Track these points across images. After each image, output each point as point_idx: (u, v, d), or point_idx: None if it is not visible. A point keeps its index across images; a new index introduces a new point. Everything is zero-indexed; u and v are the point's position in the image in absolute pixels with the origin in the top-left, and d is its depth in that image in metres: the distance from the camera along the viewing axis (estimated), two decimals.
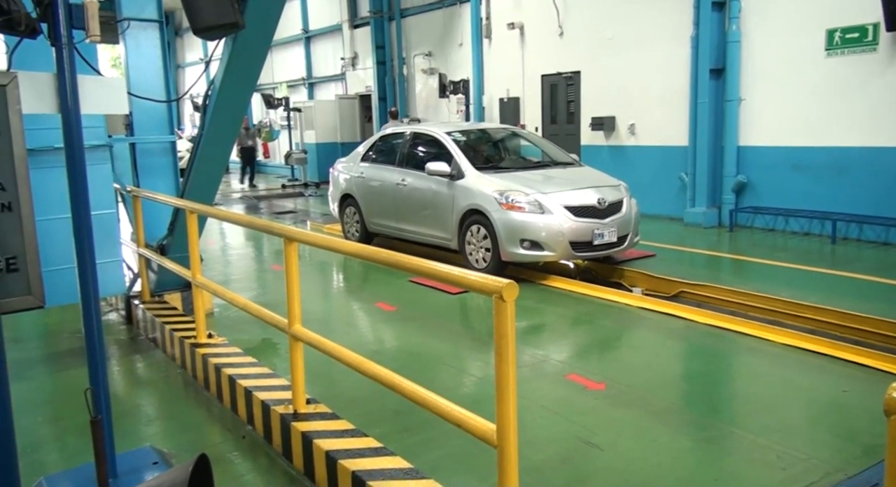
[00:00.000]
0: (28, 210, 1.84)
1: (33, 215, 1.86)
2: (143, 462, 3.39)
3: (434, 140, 8.45)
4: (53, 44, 3.10)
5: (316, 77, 21.61)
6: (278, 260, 9.24)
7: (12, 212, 1.83)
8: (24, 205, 1.84)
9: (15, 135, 1.81)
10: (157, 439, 3.92)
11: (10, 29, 2.95)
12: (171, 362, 5.15)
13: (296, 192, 16.93)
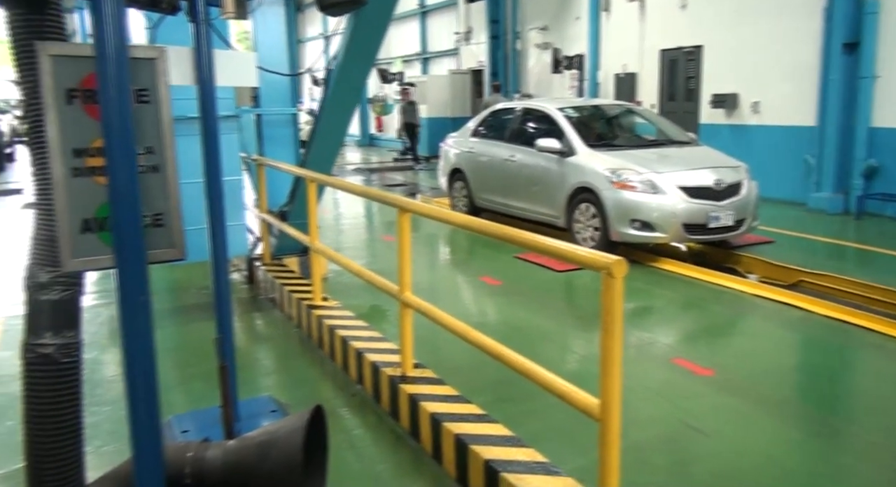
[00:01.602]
0: (172, 172, 2.01)
1: (177, 177, 2.02)
2: (263, 410, 3.62)
3: (545, 116, 8.37)
4: (192, 20, 3.31)
5: (430, 52, 21.78)
6: (388, 230, 9.49)
7: (159, 173, 2.00)
8: (170, 168, 2.00)
9: (163, 104, 1.97)
10: (274, 390, 4.17)
11: (153, 6, 3.17)
12: (287, 321, 5.44)
13: (406, 166, 17.24)
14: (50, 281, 2.26)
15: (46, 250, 2.25)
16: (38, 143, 2.18)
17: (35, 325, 2.29)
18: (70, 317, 2.32)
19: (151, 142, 1.96)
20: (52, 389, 2.28)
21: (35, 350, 2.27)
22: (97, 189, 1.92)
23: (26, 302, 2.32)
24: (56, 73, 1.85)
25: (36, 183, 2.25)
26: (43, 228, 2.26)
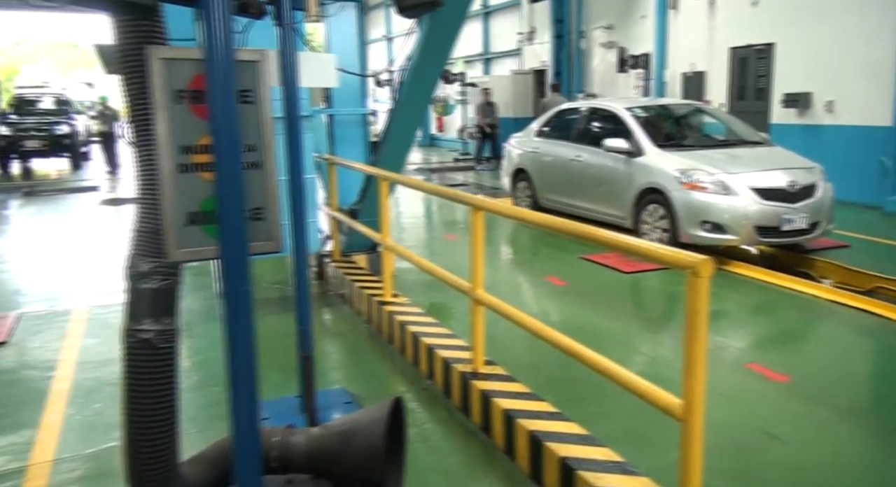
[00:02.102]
0: (272, 168, 2.09)
1: (276, 173, 2.11)
2: (337, 401, 3.73)
3: (612, 115, 8.29)
4: (278, 24, 3.43)
5: (492, 52, 21.78)
6: (449, 230, 9.57)
7: (260, 169, 2.09)
8: (269, 164, 2.09)
9: (264, 104, 2.06)
10: (346, 383, 4.28)
11: (243, 11, 3.30)
12: (357, 316, 5.55)
13: (467, 166, 17.29)
14: (150, 271, 2.37)
15: (148, 242, 2.36)
16: (143, 142, 2.30)
17: (136, 312, 2.41)
18: (168, 305, 2.43)
19: (253, 141, 2.06)
20: (150, 372, 2.39)
21: (135, 335, 2.38)
22: (202, 184, 2.02)
23: (128, 291, 2.44)
24: (166, 75, 1.96)
25: (139, 179, 2.37)
26: (145, 221, 2.38)
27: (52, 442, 3.60)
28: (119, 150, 16.78)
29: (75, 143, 16.96)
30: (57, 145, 16.57)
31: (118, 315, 5.73)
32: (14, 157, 16.48)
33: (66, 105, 18.31)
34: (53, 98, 18.67)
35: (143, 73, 2.25)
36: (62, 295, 6.28)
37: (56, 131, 16.57)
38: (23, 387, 4.30)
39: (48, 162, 17.69)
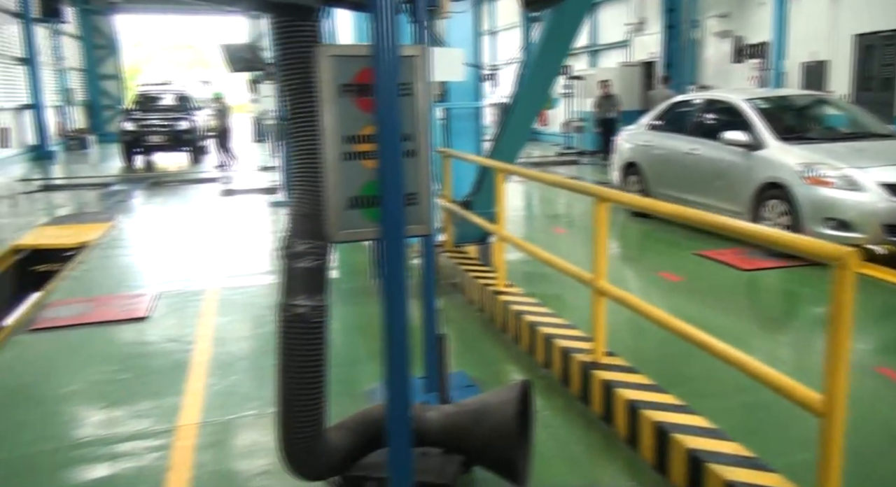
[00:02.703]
0: (425, 157, 2.24)
1: (429, 161, 2.26)
2: (458, 384, 3.87)
3: (730, 107, 8.05)
4: (413, 20, 3.60)
5: (599, 44, 21.46)
6: (557, 223, 9.58)
7: (415, 157, 2.24)
8: (423, 153, 2.23)
9: (421, 97, 2.20)
10: (462, 368, 4.41)
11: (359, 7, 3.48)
12: (469, 305, 5.70)
13: (570, 160, 17.17)
14: (304, 251, 2.57)
15: (302, 224, 2.56)
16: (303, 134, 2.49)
17: (290, 289, 2.61)
18: (319, 283, 2.63)
19: (410, 130, 2.21)
20: (303, 344, 2.59)
21: (290, 309, 2.59)
22: (363, 171, 2.19)
23: (283, 269, 2.65)
24: (333, 70, 2.14)
25: (297, 167, 2.57)
26: (301, 206, 2.58)
27: (197, 408, 3.93)
28: (232, 144, 17.67)
29: (195, 138, 17.94)
30: (178, 140, 17.55)
31: (244, 296, 6.15)
32: (138, 152, 17.54)
33: (186, 102, 19.33)
34: (174, 95, 19.75)
35: (302, 70, 2.45)
36: (194, 277, 6.77)
37: (177, 127, 17.56)
38: (166, 358, 4.71)
39: (169, 156, 18.83)
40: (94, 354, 4.83)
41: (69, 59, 25.41)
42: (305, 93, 2.42)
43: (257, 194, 12.34)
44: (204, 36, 53.46)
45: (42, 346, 5.00)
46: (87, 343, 5.04)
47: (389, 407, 2.22)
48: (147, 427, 3.71)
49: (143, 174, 16.09)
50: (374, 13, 2.00)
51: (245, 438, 3.62)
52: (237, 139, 20.27)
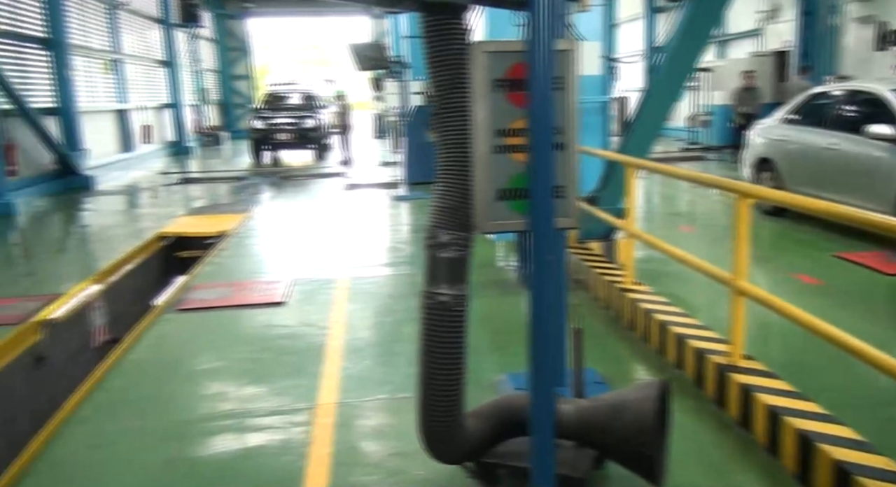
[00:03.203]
0: (573, 150, 2.26)
1: (576, 154, 2.28)
2: (589, 379, 3.85)
3: (875, 99, 7.50)
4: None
5: (728, 34, 20.51)
6: (682, 220, 9.29)
7: (563, 151, 2.27)
8: (572, 146, 2.26)
9: (571, 91, 2.22)
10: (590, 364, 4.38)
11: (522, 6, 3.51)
12: (594, 302, 5.64)
13: (695, 156, 16.54)
14: (449, 242, 2.66)
15: (447, 216, 2.65)
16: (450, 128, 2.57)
17: (434, 277, 2.71)
18: (461, 273, 2.71)
19: (560, 124, 2.24)
20: (444, 332, 2.68)
21: (433, 297, 2.68)
22: (512, 164, 2.24)
23: (427, 258, 2.75)
24: (488, 66, 2.20)
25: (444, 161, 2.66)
26: (446, 198, 2.67)
27: (334, 389, 4.14)
28: (353, 141, 18.26)
29: (320, 136, 18.44)
30: (304, 138, 18.05)
31: (372, 285, 6.38)
32: (266, 148, 18.23)
33: (311, 101, 19.91)
34: (300, 94, 20.38)
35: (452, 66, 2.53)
36: (325, 266, 7.10)
37: (303, 125, 18.04)
38: (303, 341, 4.98)
39: (295, 152, 19.65)
40: (236, 334, 5.18)
41: (205, 61, 27.14)
42: (454, 89, 2.51)
43: (379, 188, 12.72)
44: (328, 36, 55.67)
45: (189, 325, 5.42)
46: (229, 323, 5.41)
47: (534, 399, 2.27)
48: (289, 404, 3.95)
49: (271, 169, 16.93)
50: (531, 9, 2.04)
51: (379, 419, 3.78)
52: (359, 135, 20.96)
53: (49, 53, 13.76)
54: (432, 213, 2.71)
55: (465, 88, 2.55)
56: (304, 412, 3.85)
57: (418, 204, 10.97)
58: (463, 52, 2.52)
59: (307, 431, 3.63)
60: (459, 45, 2.56)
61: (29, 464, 3.43)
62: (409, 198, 11.34)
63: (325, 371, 4.42)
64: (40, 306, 5.66)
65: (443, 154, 2.62)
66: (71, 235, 9.98)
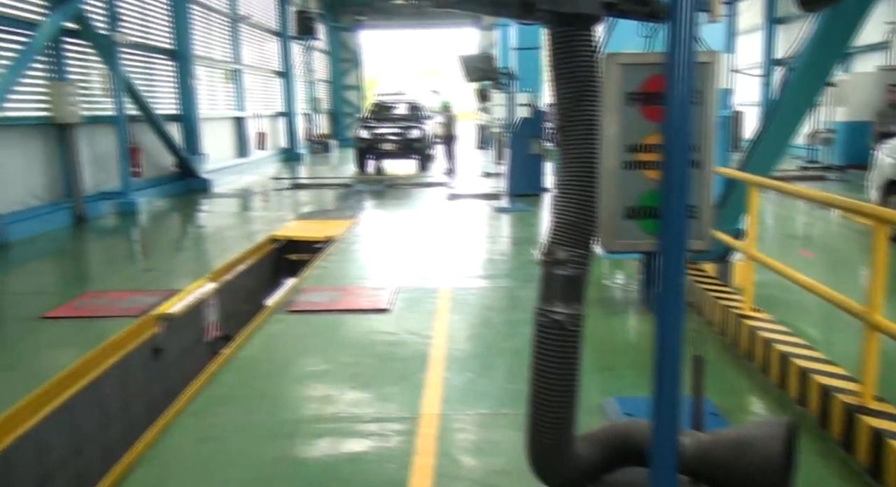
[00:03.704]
0: (710, 168, 2.14)
1: (712, 173, 2.15)
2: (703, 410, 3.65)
3: None
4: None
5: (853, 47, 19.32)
6: (802, 244, 8.76)
7: (699, 169, 2.15)
8: (708, 164, 2.14)
9: (710, 105, 2.11)
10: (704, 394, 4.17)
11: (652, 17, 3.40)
12: (707, 326, 5.38)
13: (816, 176, 15.62)
14: (566, 259, 2.57)
15: (566, 232, 2.56)
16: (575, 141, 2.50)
17: (548, 294, 2.63)
18: (578, 292, 2.62)
19: (696, 140, 2.13)
20: (558, 351, 2.59)
21: (547, 315, 2.60)
22: (642, 181, 2.15)
23: (543, 275, 2.67)
24: (622, 79, 2.12)
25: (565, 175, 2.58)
26: (565, 214, 2.58)
27: (437, 399, 4.13)
28: (457, 152, 18.36)
29: (424, 146, 18.57)
30: (408, 148, 18.22)
31: (474, 297, 6.36)
32: (370, 158, 18.52)
33: (417, 111, 20.17)
34: (406, 105, 20.72)
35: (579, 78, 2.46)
36: (428, 275, 7.14)
37: (408, 135, 18.21)
38: (407, 349, 5.00)
39: (398, 162, 19.93)
40: (342, 338, 5.27)
41: (317, 71, 28.16)
42: (581, 102, 2.43)
43: (481, 199, 12.73)
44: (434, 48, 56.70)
45: (298, 326, 5.56)
46: (337, 327, 5.52)
47: (656, 429, 2.15)
48: (392, 412, 3.97)
49: (376, 177, 17.30)
50: (672, 20, 1.95)
51: (481, 434, 3.73)
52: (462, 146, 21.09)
53: (174, 63, 14.66)
54: (550, 229, 2.64)
55: (592, 101, 2.48)
56: (407, 420, 3.85)
57: (520, 216, 10.89)
58: (591, 64, 2.45)
59: (410, 441, 3.62)
60: (587, 56, 2.50)
61: (143, 452, 3.60)
62: (511, 209, 11.28)
63: (427, 380, 4.42)
64: (159, 301, 5.98)
65: (565, 168, 2.56)
66: (188, 234, 10.54)
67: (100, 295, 6.26)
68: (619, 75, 2.12)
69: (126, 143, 11.53)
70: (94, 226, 10.26)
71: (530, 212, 11.24)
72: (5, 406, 3.86)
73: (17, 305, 6.19)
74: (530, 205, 11.65)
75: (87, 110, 10.89)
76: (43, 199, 9.96)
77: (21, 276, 7.49)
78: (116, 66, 11.29)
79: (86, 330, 5.36)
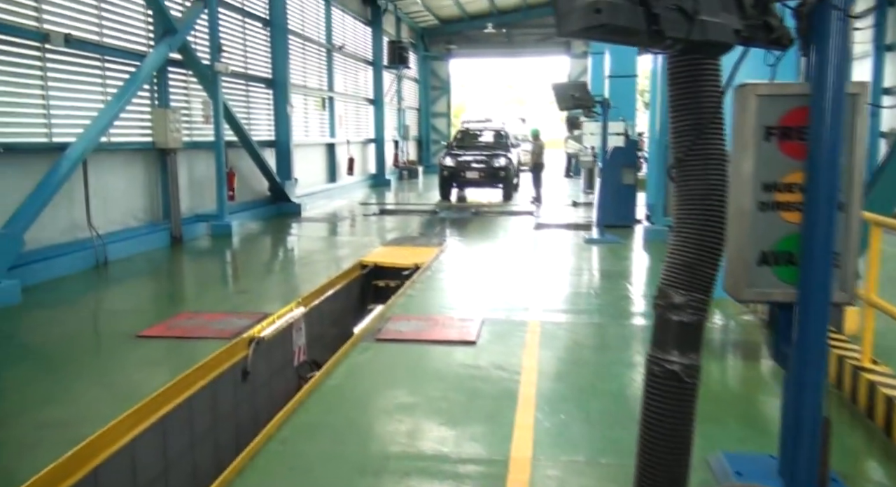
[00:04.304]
0: (857, 212, 1.94)
1: (860, 217, 1.94)
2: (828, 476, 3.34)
3: None
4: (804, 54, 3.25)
5: None
6: None
7: (844, 211, 1.95)
8: (856, 207, 1.93)
9: (860, 140, 1.91)
10: None
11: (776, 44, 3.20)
12: None
13: None
14: (683, 304, 2.40)
15: (683, 274, 2.40)
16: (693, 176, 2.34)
17: (662, 341, 2.46)
18: (695, 340, 2.44)
19: (843, 180, 1.93)
20: (672, 404, 2.41)
21: (661, 364, 2.43)
22: (780, 223, 1.96)
23: (656, 319, 2.50)
24: (759, 111, 1.96)
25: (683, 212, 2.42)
26: (682, 254, 2.42)
27: (528, 442, 3.96)
28: (544, 181, 18.13)
29: (509, 176, 18.22)
30: (493, 176, 18.00)
31: (565, 332, 6.15)
32: (454, 186, 18.36)
33: (504, 139, 19.96)
34: (493, 132, 20.58)
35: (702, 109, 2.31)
36: (515, 306, 6.99)
37: (493, 164, 17.99)
38: (495, 385, 4.85)
39: (482, 191, 19.55)
40: (430, 370, 5.18)
41: (407, 99, 28.69)
42: (704, 134, 2.29)
43: (569, 229, 12.49)
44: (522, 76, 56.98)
45: (385, 356, 5.51)
46: (424, 358, 5.43)
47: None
48: (482, 453, 3.82)
49: (461, 205, 17.30)
50: (818, 47, 1.78)
51: (576, 484, 3.52)
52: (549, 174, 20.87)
53: (271, 91, 15.22)
54: (665, 270, 2.47)
55: (717, 134, 2.33)
56: (497, 463, 3.70)
57: (610, 248, 10.60)
58: (716, 95, 2.32)
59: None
60: (713, 86, 2.35)
61: (232, 479, 3.58)
62: (601, 241, 11.00)
63: (518, 420, 4.26)
64: (250, 324, 6.07)
65: (683, 204, 2.40)
66: (278, 257, 10.79)
67: (194, 316, 6.42)
68: (755, 107, 1.95)
69: (223, 168, 11.96)
70: (190, 247, 10.66)
71: (622, 244, 10.92)
72: (100, 423, 3.95)
73: (114, 323, 6.43)
74: (622, 237, 11.34)
75: (187, 136, 11.41)
76: (142, 220, 10.44)
77: (119, 294, 7.81)
78: (217, 93, 11.79)
79: (179, 349, 5.49)
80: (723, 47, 2.20)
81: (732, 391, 4.95)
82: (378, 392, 4.77)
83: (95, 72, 9.40)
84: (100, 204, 9.32)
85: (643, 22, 1.83)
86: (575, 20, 1.76)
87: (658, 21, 1.87)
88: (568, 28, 1.80)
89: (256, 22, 14.49)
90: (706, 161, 2.31)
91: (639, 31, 1.82)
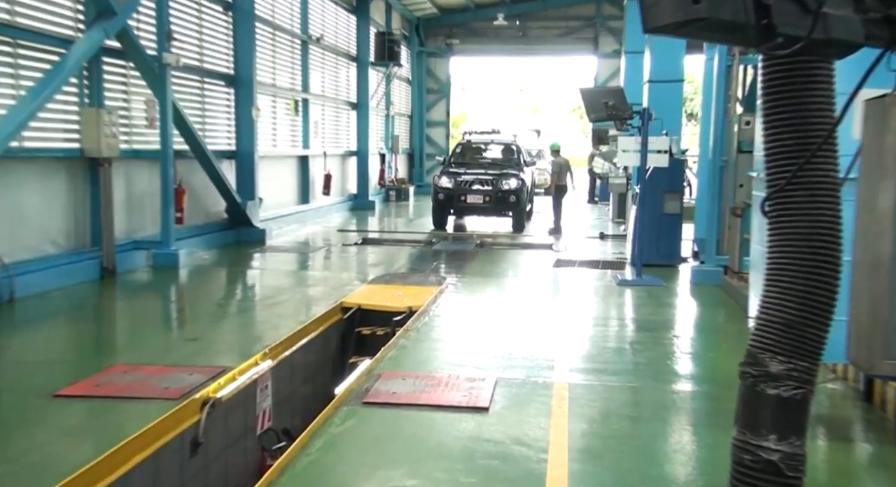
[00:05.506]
0: None
1: None
2: None
3: None
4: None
5: None
6: None
7: None
8: None
9: None
10: None
11: None
12: None
13: None
14: (781, 374, 2.30)
15: (781, 336, 2.30)
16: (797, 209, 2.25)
17: (754, 422, 2.35)
18: (799, 421, 2.33)
19: None
20: None
21: (755, 452, 2.32)
22: None
23: (745, 393, 2.39)
24: None
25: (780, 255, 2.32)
26: (780, 309, 2.32)
27: None
28: (565, 207, 17.92)
29: (521, 201, 17.38)
30: (501, 202, 17.01)
31: (600, 398, 6.01)
32: (451, 213, 17.53)
33: (515, 155, 19.25)
34: (502, 146, 19.98)
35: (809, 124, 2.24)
36: (536, 363, 6.83)
37: (502, 186, 17.02)
38: (516, 466, 4.67)
39: (486, 220, 18.76)
40: (433, 445, 5.00)
41: (397, 103, 28.82)
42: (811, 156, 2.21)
43: (597, 268, 12.39)
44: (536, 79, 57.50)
45: (375, 424, 5.34)
46: (424, 429, 5.27)
47: None
48: None
49: (463, 234, 17.19)
50: None
51: None
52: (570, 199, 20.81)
53: (232, 91, 15.13)
54: (758, 330, 2.37)
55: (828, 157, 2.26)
56: None
57: (649, 292, 10.48)
58: (828, 108, 2.25)
59: None
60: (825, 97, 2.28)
61: None
62: (638, 283, 10.89)
63: None
64: (203, 380, 5.88)
65: (782, 247, 2.31)
66: (237, 296, 10.64)
67: (130, 370, 6.24)
68: None
69: (170, 183, 11.76)
70: (125, 282, 10.48)
71: (664, 287, 10.82)
72: None
73: (23, 378, 6.18)
74: (664, 279, 11.23)
75: (125, 143, 11.23)
76: (63, 247, 10.14)
77: (30, 341, 7.58)
78: (165, 91, 11.64)
79: (109, 413, 5.31)
80: (848, 48, 2.12)
81: (818, 483, 4.78)
82: (366, 472, 4.59)
83: (4, 59, 9.11)
84: (6, 225, 9.01)
85: (752, 15, 1.76)
86: (666, 13, 1.70)
87: (769, 14, 1.80)
88: (656, 23, 1.74)
89: (216, 5, 14.46)
90: (814, 191, 2.24)
91: (745, 27, 1.75)
